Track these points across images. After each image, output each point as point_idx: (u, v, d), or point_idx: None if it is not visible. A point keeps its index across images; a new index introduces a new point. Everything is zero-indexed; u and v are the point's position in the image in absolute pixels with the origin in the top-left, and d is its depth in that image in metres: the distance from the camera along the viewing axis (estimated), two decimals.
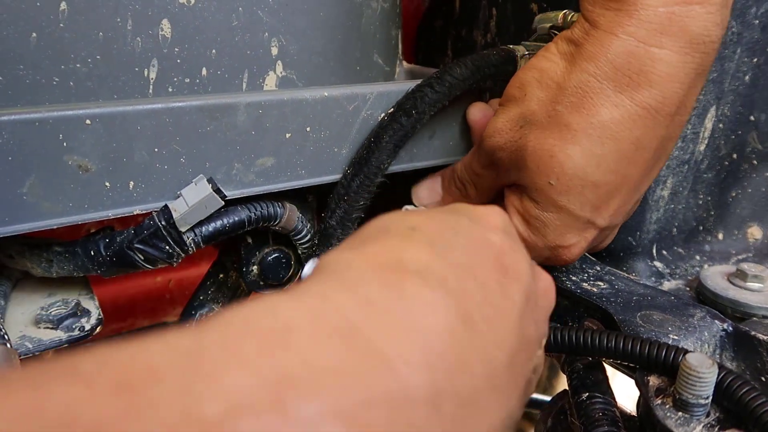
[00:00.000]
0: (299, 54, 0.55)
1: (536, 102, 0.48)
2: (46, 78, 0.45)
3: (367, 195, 0.54)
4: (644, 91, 0.42)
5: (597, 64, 0.43)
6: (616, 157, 0.45)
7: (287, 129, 0.50)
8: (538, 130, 0.47)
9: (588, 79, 0.44)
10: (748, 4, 0.59)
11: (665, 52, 0.41)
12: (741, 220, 0.67)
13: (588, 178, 0.46)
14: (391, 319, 0.24)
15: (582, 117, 0.45)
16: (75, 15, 0.45)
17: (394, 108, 0.54)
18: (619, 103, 0.43)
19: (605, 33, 0.43)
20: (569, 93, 0.45)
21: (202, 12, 0.50)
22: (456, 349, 0.25)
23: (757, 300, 0.53)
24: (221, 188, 0.47)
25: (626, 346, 0.44)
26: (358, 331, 0.23)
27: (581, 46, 0.45)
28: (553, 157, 0.46)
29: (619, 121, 0.44)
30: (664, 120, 0.44)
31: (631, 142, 0.44)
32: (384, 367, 0.22)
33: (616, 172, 0.46)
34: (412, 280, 0.27)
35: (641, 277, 0.63)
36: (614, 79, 0.43)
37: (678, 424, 0.40)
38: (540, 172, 0.47)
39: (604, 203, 0.47)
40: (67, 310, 0.47)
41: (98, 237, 0.48)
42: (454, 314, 0.26)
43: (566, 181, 0.46)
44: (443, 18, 0.81)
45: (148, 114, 0.44)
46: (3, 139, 0.39)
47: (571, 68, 0.45)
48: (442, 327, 0.25)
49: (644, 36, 0.41)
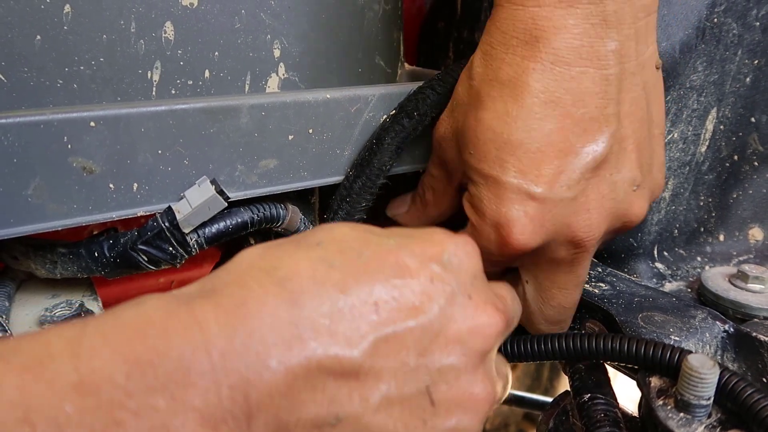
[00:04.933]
0: (301, 56, 0.56)
1: (461, 85, 0.51)
2: (50, 80, 0.45)
3: (369, 196, 0.54)
4: (533, 46, 0.45)
5: (491, 34, 0.47)
6: (524, 114, 0.46)
7: (290, 131, 0.50)
8: (462, 108, 0.50)
9: (486, 49, 0.48)
10: (749, 6, 0.59)
11: (545, 8, 0.44)
12: (742, 222, 0.67)
13: (500, 139, 0.46)
14: (224, 318, 0.30)
15: (487, 83, 0.47)
16: (79, 17, 0.45)
17: (396, 110, 0.54)
18: (511, 61, 0.46)
19: (496, 6, 0.47)
20: (476, 66, 0.49)
21: (205, 14, 0.50)
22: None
23: (758, 301, 0.53)
24: (224, 190, 0.47)
25: (628, 348, 0.44)
26: (198, 325, 0.29)
27: (486, 25, 0.49)
28: (469, 127, 0.48)
29: (516, 77, 0.46)
30: (564, 71, 0.45)
31: (533, 96, 0.45)
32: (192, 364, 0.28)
33: (529, 129, 0.45)
34: (268, 285, 0.32)
35: (642, 279, 0.63)
36: (504, 42, 0.46)
37: (680, 425, 0.40)
38: (464, 147, 0.49)
39: (533, 167, 0.46)
40: (71, 312, 0.47)
41: (102, 238, 0.48)
42: (287, 324, 0.31)
43: (481, 146, 0.47)
44: (445, 20, 0.81)
45: (152, 116, 0.44)
46: (8, 141, 0.39)
47: (478, 46, 0.49)
48: (272, 334, 0.30)
49: (522, 0, 0.45)
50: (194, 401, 0.28)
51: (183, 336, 0.29)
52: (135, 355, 0.27)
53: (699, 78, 0.59)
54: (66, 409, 0.26)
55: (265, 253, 0.35)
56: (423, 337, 0.34)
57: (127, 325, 0.29)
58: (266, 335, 0.30)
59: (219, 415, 0.28)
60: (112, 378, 0.27)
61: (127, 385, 0.27)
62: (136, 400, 0.27)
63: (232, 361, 0.29)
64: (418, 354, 0.33)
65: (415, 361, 0.33)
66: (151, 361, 0.28)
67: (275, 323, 0.30)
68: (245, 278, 0.32)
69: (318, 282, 0.32)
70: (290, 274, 0.33)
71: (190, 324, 0.29)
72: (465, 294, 0.36)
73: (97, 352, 0.27)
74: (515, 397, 1.14)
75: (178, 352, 0.28)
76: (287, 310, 0.31)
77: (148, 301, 0.31)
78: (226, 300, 0.31)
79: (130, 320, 0.29)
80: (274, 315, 0.31)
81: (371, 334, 0.32)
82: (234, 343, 0.29)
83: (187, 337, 0.29)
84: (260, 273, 0.33)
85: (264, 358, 0.29)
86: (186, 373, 0.28)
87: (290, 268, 0.33)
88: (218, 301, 0.31)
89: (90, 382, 0.26)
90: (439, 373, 0.34)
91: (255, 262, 0.34)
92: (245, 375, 0.29)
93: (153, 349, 0.28)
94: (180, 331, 0.29)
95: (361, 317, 0.32)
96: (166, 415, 0.27)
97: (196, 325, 0.29)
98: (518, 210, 0.46)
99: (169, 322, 0.29)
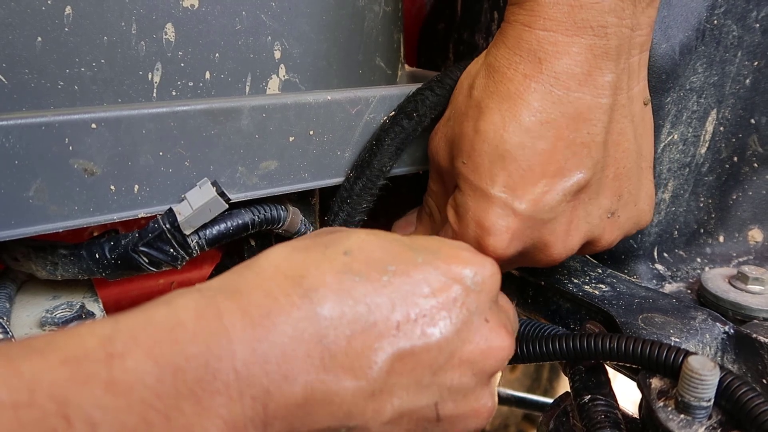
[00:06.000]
0: (302, 57, 0.56)
1: (460, 93, 0.52)
2: (51, 82, 0.45)
3: (369, 197, 0.54)
4: (533, 66, 0.47)
5: (498, 48, 0.49)
6: (519, 131, 0.47)
7: (290, 132, 0.50)
8: (460, 117, 0.51)
9: (492, 62, 0.49)
10: (749, 8, 0.59)
11: (550, 33, 0.46)
12: (742, 223, 0.67)
13: (495, 152, 0.47)
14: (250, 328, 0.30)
15: (488, 95, 0.48)
16: (80, 19, 0.45)
17: (396, 111, 0.54)
18: (513, 77, 0.47)
19: (505, 23, 0.49)
20: (480, 77, 0.50)
21: (206, 16, 0.50)
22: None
23: (758, 302, 0.53)
24: (225, 191, 0.47)
25: (628, 348, 0.44)
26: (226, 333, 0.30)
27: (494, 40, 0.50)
28: (465, 135, 0.49)
29: (516, 94, 0.47)
30: (561, 94, 0.46)
31: (530, 115, 0.47)
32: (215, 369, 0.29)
33: (522, 146, 0.47)
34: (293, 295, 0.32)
35: (642, 280, 0.63)
36: (508, 58, 0.48)
37: (680, 426, 0.40)
38: (457, 155, 0.50)
39: (519, 184, 0.47)
40: (72, 313, 0.47)
41: (103, 240, 0.48)
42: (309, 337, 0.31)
43: (475, 157, 0.48)
44: (445, 21, 0.81)
45: (153, 118, 0.44)
46: (9, 143, 0.39)
47: (484, 59, 0.50)
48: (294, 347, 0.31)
49: (530, 21, 0.47)
50: (219, 408, 0.28)
51: (210, 342, 0.29)
52: (165, 359, 0.28)
53: (699, 79, 0.59)
54: (100, 406, 0.26)
55: (292, 257, 0.35)
56: (439, 357, 0.34)
57: (157, 326, 0.29)
58: (288, 349, 0.30)
59: (241, 422, 0.29)
60: (143, 379, 0.27)
61: (157, 388, 0.28)
62: (165, 403, 0.27)
63: (255, 372, 0.29)
64: (432, 373, 0.34)
65: (429, 380, 0.34)
66: (181, 366, 0.28)
67: (298, 337, 0.31)
68: (271, 285, 0.33)
69: (343, 297, 0.33)
70: (316, 285, 0.33)
71: (217, 331, 0.30)
72: (482, 317, 0.37)
73: (130, 353, 0.28)
74: (515, 397, 1.14)
75: (205, 359, 0.29)
76: (310, 325, 0.32)
77: (178, 300, 0.31)
78: (252, 308, 0.31)
79: (160, 321, 0.30)
80: (297, 329, 0.31)
81: (390, 350, 0.33)
82: (257, 354, 0.30)
83: (214, 343, 0.29)
84: (286, 281, 0.33)
85: (285, 371, 0.30)
86: (212, 380, 0.28)
87: (316, 278, 0.33)
88: (244, 309, 0.31)
89: (122, 382, 0.27)
90: (449, 391, 0.35)
91: (281, 266, 0.34)
92: (266, 386, 0.30)
93: (182, 354, 0.29)
94: (208, 336, 0.29)
95: (382, 334, 0.33)
96: (193, 418, 0.28)
97: (223, 332, 0.30)
98: (500, 223, 0.48)
99: (198, 325, 0.30)
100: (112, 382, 0.27)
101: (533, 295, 0.62)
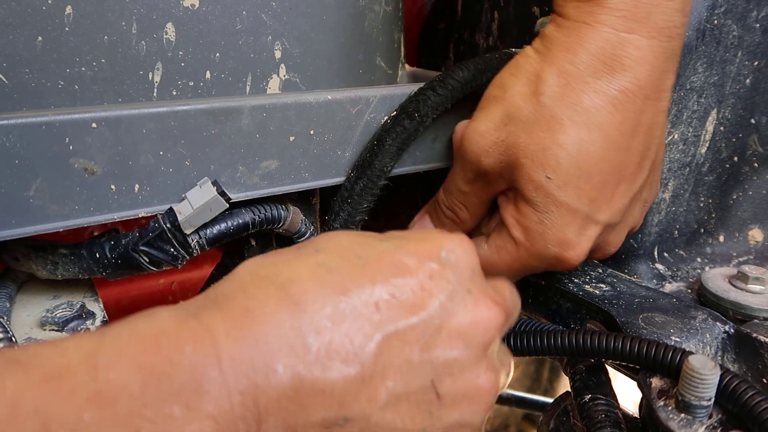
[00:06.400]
0: (302, 57, 0.56)
1: (519, 96, 0.48)
2: (51, 81, 0.45)
3: (370, 198, 0.54)
4: (619, 75, 0.45)
5: (574, 53, 0.46)
6: (604, 144, 0.46)
7: (291, 132, 0.50)
8: (526, 125, 0.48)
9: (567, 67, 0.46)
10: (749, 8, 0.59)
11: (634, 36, 0.44)
12: (742, 223, 0.67)
13: (581, 168, 0.46)
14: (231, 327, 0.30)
15: (566, 106, 0.46)
16: (80, 19, 0.45)
17: (397, 111, 0.54)
18: (599, 89, 0.45)
19: (579, 23, 0.46)
20: (551, 83, 0.47)
21: (207, 15, 0.50)
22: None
23: (759, 302, 0.53)
24: (226, 191, 0.47)
25: (630, 347, 0.44)
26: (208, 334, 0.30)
27: (555, 39, 0.47)
28: (546, 149, 0.47)
29: (601, 106, 0.45)
30: (641, 102, 0.46)
31: (615, 127, 0.46)
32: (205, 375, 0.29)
33: (606, 160, 0.46)
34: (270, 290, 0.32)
35: (643, 280, 0.63)
36: (591, 66, 0.45)
37: (681, 425, 0.40)
38: (536, 167, 0.47)
39: (600, 194, 0.47)
40: (72, 313, 0.47)
41: (103, 239, 0.48)
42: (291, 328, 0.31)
43: (563, 173, 0.46)
44: (445, 21, 0.81)
45: (154, 117, 0.44)
46: (9, 142, 0.39)
47: (548, 61, 0.47)
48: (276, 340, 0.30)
49: (615, 23, 0.44)
50: (208, 408, 0.28)
51: (194, 345, 0.29)
52: (150, 366, 0.28)
53: (699, 79, 0.59)
54: (85, 419, 0.26)
55: (265, 261, 0.35)
56: (425, 333, 0.34)
57: (141, 336, 0.29)
58: (271, 341, 0.30)
59: (232, 421, 0.29)
60: (128, 388, 0.27)
61: (143, 395, 0.27)
62: (152, 410, 0.27)
63: (241, 368, 0.29)
64: (421, 350, 0.34)
65: (419, 357, 0.34)
66: (165, 372, 0.28)
67: (279, 328, 0.31)
68: (248, 286, 0.33)
69: (318, 286, 0.33)
70: (291, 279, 0.33)
71: (200, 333, 0.30)
72: (464, 289, 0.36)
73: (114, 364, 0.28)
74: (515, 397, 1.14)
75: (190, 362, 0.29)
76: (290, 315, 0.31)
77: (160, 313, 0.31)
78: (232, 308, 0.31)
79: (143, 331, 0.30)
80: (277, 320, 0.31)
81: (374, 333, 0.32)
82: (241, 350, 0.30)
83: (197, 346, 0.29)
84: (262, 280, 0.33)
85: (271, 363, 0.30)
86: (198, 382, 0.28)
87: (290, 274, 0.34)
88: (224, 310, 0.31)
89: (107, 393, 0.27)
90: (443, 367, 0.35)
91: (256, 270, 0.34)
92: (254, 380, 0.29)
93: (166, 359, 0.28)
94: (191, 340, 0.29)
95: (363, 317, 0.32)
96: (182, 423, 0.28)
97: (205, 334, 0.30)
98: (581, 235, 0.48)
99: (180, 331, 0.30)
100: (98, 394, 0.27)
101: (533, 295, 0.62)
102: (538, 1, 0.65)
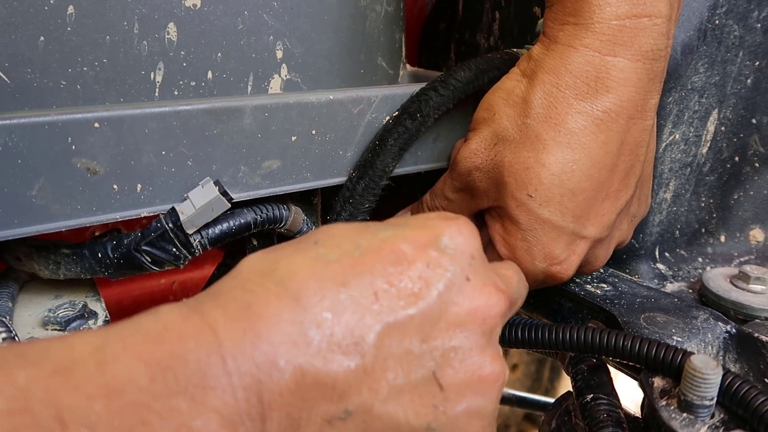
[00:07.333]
0: (304, 57, 0.56)
1: (506, 119, 0.50)
2: (53, 81, 0.46)
3: (371, 197, 0.54)
4: (602, 96, 0.46)
5: (559, 76, 0.47)
6: (588, 163, 0.47)
7: (293, 132, 0.50)
8: (511, 145, 0.49)
9: (551, 90, 0.47)
10: (750, 8, 0.59)
11: (618, 59, 0.45)
12: (743, 223, 0.67)
13: (565, 186, 0.47)
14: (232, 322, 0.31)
15: (550, 127, 0.47)
16: (82, 19, 0.45)
17: (399, 111, 0.54)
18: (582, 109, 0.47)
19: (564, 47, 0.47)
20: (536, 105, 0.48)
21: (208, 16, 0.50)
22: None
23: (760, 302, 0.53)
24: (228, 191, 0.47)
25: (632, 347, 0.44)
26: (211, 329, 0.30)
27: (541, 62, 0.48)
28: (529, 168, 0.48)
29: (585, 126, 0.47)
30: (625, 122, 0.47)
31: (598, 147, 0.47)
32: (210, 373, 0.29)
33: (590, 178, 0.48)
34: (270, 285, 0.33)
35: (644, 279, 0.63)
36: (575, 88, 0.47)
37: (683, 425, 0.40)
38: (518, 186, 0.49)
39: (585, 212, 0.49)
40: (75, 312, 0.47)
41: (105, 239, 0.48)
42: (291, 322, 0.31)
43: (544, 191, 0.48)
44: (446, 21, 0.81)
45: (156, 117, 0.44)
46: (12, 142, 0.39)
47: (534, 83, 0.49)
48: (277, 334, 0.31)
49: (599, 46, 0.45)
50: (214, 403, 0.29)
51: (197, 340, 0.30)
52: (155, 360, 0.29)
53: (700, 79, 0.59)
54: (95, 408, 0.27)
55: (264, 257, 0.35)
56: (424, 323, 0.34)
57: (145, 331, 0.30)
58: (272, 336, 0.30)
59: (237, 416, 0.29)
60: (136, 382, 0.28)
61: (150, 388, 0.28)
62: (160, 402, 0.28)
63: (244, 364, 0.30)
64: (421, 340, 0.34)
65: (418, 348, 0.34)
66: (171, 366, 0.29)
67: (280, 323, 0.31)
68: (247, 282, 0.33)
69: (317, 278, 0.33)
70: (290, 273, 0.33)
71: (202, 328, 0.30)
72: (462, 277, 0.36)
73: (120, 358, 0.28)
74: (516, 397, 1.14)
75: (194, 356, 0.29)
76: (290, 308, 0.32)
77: (162, 309, 0.32)
78: (232, 304, 0.32)
79: (147, 326, 0.30)
80: (278, 315, 0.31)
81: (374, 324, 0.32)
82: (243, 346, 0.30)
83: (200, 341, 0.30)
84: (261, 276, 0.34)
85: (272, 358, 0.30)
86: (203, 377, 0.29)
87: (290, 268, 0.34)
88: (226, 306, 0.32)
89: (115, 385, 0.27)
90: (444, 357, 0.35)
91: (255, 266, 0.35)
92: (257, 376, 0.30)
93: (171, 354, 0.29)
94: (194, 335, 0.30)
95: (363, 308, 0.33)
96: (189, 416, 0.28)
97: (208, 329, 0.30)
98: (569, 251, 0.50)
99: (183, 327, 0.30)
100: (106, 386, 0.27)
101: (534, 295, 0.62)
102: (539, 1, 0.65)
